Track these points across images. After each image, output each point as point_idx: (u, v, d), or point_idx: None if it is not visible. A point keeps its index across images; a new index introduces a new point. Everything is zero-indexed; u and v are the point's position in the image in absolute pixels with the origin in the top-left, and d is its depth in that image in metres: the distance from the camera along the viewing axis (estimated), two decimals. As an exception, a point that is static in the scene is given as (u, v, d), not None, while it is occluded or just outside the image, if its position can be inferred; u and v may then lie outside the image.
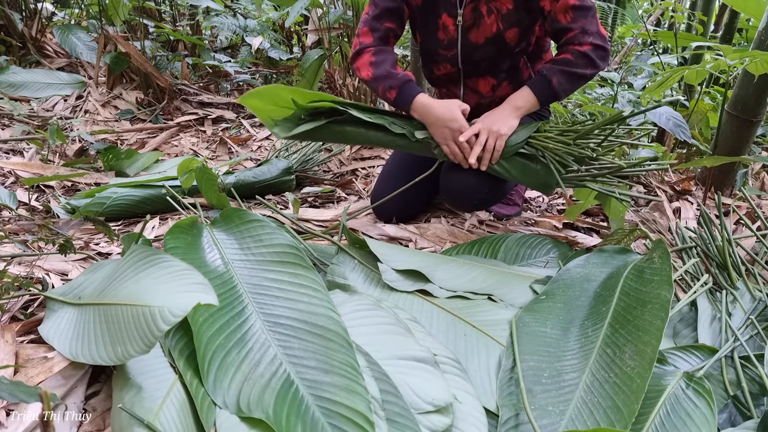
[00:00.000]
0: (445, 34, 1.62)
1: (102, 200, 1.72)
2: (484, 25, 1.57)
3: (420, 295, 1.24)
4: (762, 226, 1.51)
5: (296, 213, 1.78)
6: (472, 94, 1.72)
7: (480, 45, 1.61)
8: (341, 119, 1.58)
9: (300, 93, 1.56)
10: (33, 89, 2.85)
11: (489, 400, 0.98)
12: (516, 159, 1.52)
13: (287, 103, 1.57)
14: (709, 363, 1.03)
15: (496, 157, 1.51)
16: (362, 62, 1.60)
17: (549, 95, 1.54)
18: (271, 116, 1.62)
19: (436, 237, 1.69)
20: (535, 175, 1.52)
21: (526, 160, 1.52)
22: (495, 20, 1.55)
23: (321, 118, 1.58)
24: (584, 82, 1.55)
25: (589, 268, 1.30)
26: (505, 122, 1.51)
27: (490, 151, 1.50)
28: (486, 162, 1.51)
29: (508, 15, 1.55)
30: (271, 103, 1.59)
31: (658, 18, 4.39)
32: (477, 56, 1.63)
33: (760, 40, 1.93)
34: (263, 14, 3.73)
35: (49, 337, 1.02)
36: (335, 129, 1.59)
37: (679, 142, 2.50)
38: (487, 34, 1.58)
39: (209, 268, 1.14)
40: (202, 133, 2.82)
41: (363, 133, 1.59)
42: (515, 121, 1.53)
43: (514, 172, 1.53)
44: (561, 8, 1.50)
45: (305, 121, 1.59)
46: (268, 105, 1.60)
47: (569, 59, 1.51)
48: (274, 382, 0.89)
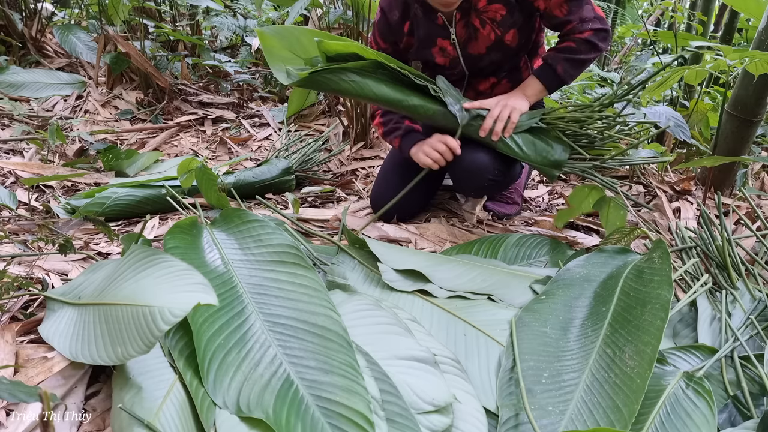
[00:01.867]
0: (444, 57, 1.65)
1: (102, 200, 1.72)
2: (481, 36, 1.59)
3: (420, 295, 1.24)
4: (762, 226, 1.51)
5: (296, 213, 1.78)
6: (473, 94, 1.75)
7: (483, 55, 1.63)
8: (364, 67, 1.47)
9: (323, 35, 1.49)
10: (33, 89, 2.85)
11: (489, 400, 0.98)
12: (527, 135, 1.54)
13: (305, 52, 1.51)
14: (709, 363, 1.03)
15: (510, 129, 1.52)
16: (376, 124, 1.82)
17: (555, 82, 1.59)
18: (282, 61, 1.53)
19: (436, 237, 1.69)
20: (546, 153, 1.53)
21: (537, 137, 1.55)
22: (491, 29, 1.57)
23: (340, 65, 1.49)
24: (588, 65, 1.61)
25: (589, 268, 1.30)
26: (517, 100, 1.56)
27: (503, 120, 1.52)
28: (498, 132, 1.52)
29: (503, 20, 1.57)
30: (288, 47, 1.52)
31: (658, 18, 4.39)
32: (483, 64, 1.66)
33: (760, 40, 1.94)
34: (263, 14, 3.73)
35: (49, 337, 1.02)
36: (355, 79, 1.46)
37: (679, 142, 2.50)
38: (488, 43, 1.61)
39: (209, 268, 1.14)
40: (202, 133, 2.82)
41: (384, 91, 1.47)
42: (526, 104, 1.57)
43: (525, 149, 1.54)
44: (555, 4, 1.53)
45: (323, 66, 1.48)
46: (284, 49, 1.53)
47: (572, 47, 1.55)
48: (274, 382, 0.89)
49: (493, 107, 1.54)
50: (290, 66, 1.50)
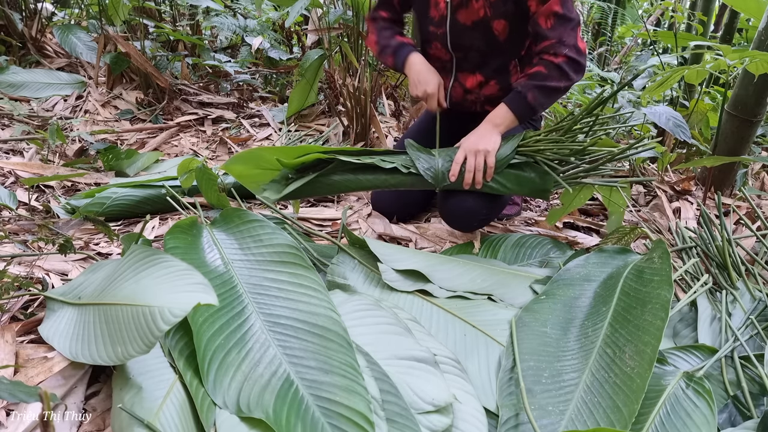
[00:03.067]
0: (437, 11, 1.64)
1: (102, 200, 1.72)
2: (472, 7, 1.58)
3: (420, 295, 1.24)
4: (762, 226, 1.51)
5: (296, 213, 1.78)
6: (459, 88, 1.73)
7: (468, 27, 1.61)
8: (329, 170, 1.54)
9: (283, 151, 1.54)
10: (33, 89, 2.85)
11: (489, 400, 0.98)
12: (509, 171, 1.52)
13: (272, 164, 1.54)
14: (709, 363, 1.03)
15: (490, 173, 1.50)
16: (369, 42, 1.81)
17: (526, 111, 1.54)
18: (257, 180, 1.58)
19: (436, 237, 1.70)
20: (531, 183, 1.51)
21: (519, 170, 1.52)
22: (483, 5, 1.56)
23: (309, 173, 1.55)
24: (560, 95, 1.55)
25: (589, 268, 1.30)
26: (488, 140, 1.52)
27: (480, 170, 1.50)
28: (480, 181, 1.51)
29: (497, 3, 1.55)
30: (255, 166, 1.57)
31: (658, 18, 4.40)
32: (465, 41, 1.64)
33: (760, 40, 1.94)
34: (263, 14, 3.73)
35: (49, 337, 1.02)
36: (324, 182, 1.55)
37: (679, 142, 2.50)
38: (474, 18, 1.59)
39: (209, 268, 1.14)
40: (202, 133, 2.82)
41: (353, 180, 1.54)
42: (497, 137, 1.53)
43: (509, 185, 1.52)
44: (544, 12, 1.49)
45: (293, 180, 1.55)
46: (252, 169, 1.57)
47: (542, 72, 1.50)
48: (274, 382, 0.89)
49: (467, 157, 1.51)
50: (264, 180, 1.58)
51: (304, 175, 1.55)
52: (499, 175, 1.51)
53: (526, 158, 1.51)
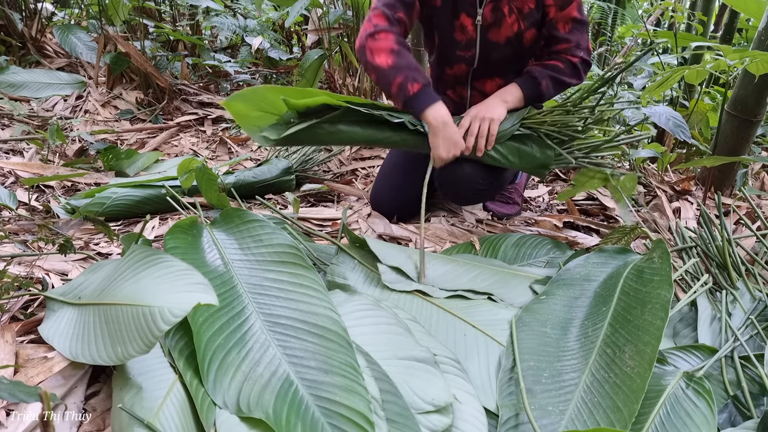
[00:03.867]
0: (463, 35, 1.62)
1: (102, 200, 1.72)
2: (505, 24, 1.58)
3: (420, 295, 1.24)
4: (762, 226, 1.51)
5: (296, 213, 1.78)
6: (479, 96, 1.72)
7: (500, 45, 1.62)
8: (334, 117, 1.47)
9: (290, 91, 1.48)
10: (33, 89, 2.85)
11: (489, 400, 0.98)
12: (510, 143, 1.53)
13: (275, 107, 1.47)
14: (709, 363, 1.03)
15: (491, 141, 1.51)
16: (379, 46, 1.45)
17: (535, 96, 1.58)
18: (256, 124, 1.50)
19: (436, 237, 1.69)
20: (531, 157, 1.53)
21: (521, 143, 1.54)
22: (516, 19, 1.57)
23: (312, 118, 1.48)
24: (565, 89, 1.63)
25: (589, 267, 1.30)
26: (494, 109, 1.53)
27: (483, 136, 1.50)
28: (481, 147, 1.51)
29: (530, 14, 1.56)
30: (256, 108, 1.48)
31: (658, 18, 4.39)
32: (495, 56, 1.64)
33: (760, 40, 1.93)
34: (263, 14, 3.73)
35: (49, 337, 1.02)
36: (328, 129, 1.48)
37: (679, 142, 2.50)
38: (508, 34, 1.59)
39: (209, 268, 1.14)
40: (202, 133, 2.82)
41: (358, 132, 1.49)
42: (504, 110, 1.54)
43: (510, 157, 1.53)
44: (563, 17, 1.54)
45: (295, 124, 1.48)
46: (253, 110, 1.48)
47: (560, 67, 1.56)
48: (274, 382, 0.89)
49: (471, 122, 1.51)
50: (264, 123, 1.49)
51: (307, 119, 1.47)
52: (501, 145, 1.52)
53: (530, 131, 1.53)
